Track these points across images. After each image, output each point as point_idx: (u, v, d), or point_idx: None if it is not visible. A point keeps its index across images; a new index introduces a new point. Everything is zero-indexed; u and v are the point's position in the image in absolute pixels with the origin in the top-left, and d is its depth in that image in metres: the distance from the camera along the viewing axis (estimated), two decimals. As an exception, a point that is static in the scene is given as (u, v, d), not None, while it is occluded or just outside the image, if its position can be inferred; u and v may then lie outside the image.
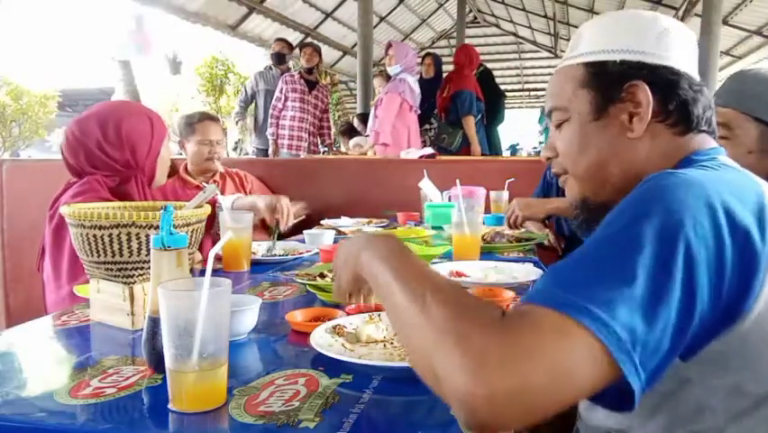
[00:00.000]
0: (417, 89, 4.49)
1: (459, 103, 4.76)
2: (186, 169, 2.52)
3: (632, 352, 0.51)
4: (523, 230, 2.16)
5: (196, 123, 2.51)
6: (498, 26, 16.58)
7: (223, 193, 2.23)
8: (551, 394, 0.50)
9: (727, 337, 0.60)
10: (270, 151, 5.28)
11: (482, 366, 0.49)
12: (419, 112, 4.60)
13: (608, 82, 0.80)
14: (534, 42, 16.78)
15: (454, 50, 5.99)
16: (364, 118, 6.91)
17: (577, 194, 0.87)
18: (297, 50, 5.78)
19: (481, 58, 5.12)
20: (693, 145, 0.79)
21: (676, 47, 0.80)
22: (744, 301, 0.59)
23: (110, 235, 1.09)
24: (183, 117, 2.57)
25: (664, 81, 0.78)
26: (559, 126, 0.86)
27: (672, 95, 0.78)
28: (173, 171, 2.31)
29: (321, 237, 1.97)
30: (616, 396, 0.54)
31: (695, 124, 0.79)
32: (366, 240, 0.76)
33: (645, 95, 0.78)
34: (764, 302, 0.59)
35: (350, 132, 6.86)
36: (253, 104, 5.84)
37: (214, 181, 2.56)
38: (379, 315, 1.06)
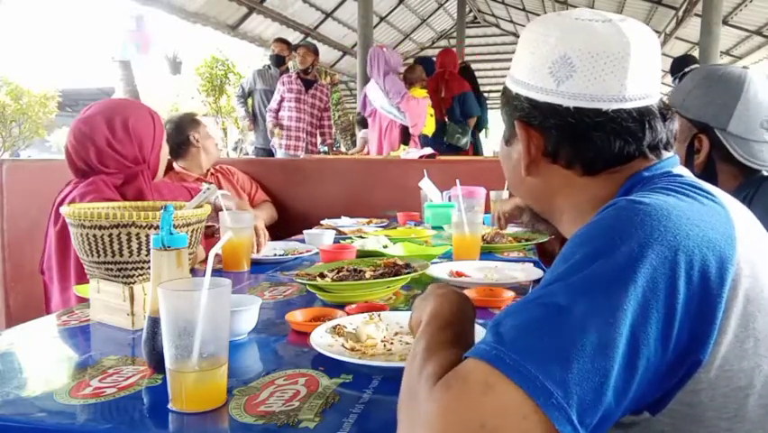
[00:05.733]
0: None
1: (468, 104, 5.02)
2: (180, 165, 2.53)
3: (567, 408, 0.48)
4: (519, 230, 2.16)
5: (196, 117, 2.60)
6: (498, 26, 16.56)
7: (218, 188, 2.25)
8: None
9: (694, 387, 0.56)
10: (274, 141, 5.27)
11: (413, 427, 0.51)
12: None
13: (511, 112, 0.76)
14: (534, 42, 16.75)
15: (455, 50, 6.16)
16: (365, 121, 6.95)
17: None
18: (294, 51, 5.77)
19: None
20: (626, 173, 0.71)
21: (575, 75, 0.69)
22: (700, 349, 0.55)
23: (110, 235, 1.09)
24: (180, 118, 2.56)
25: (547, 122, 0.71)
26: None
27: (555, 137, 0.71)
28: (168, 168, 2.33)
29: (321, 237, 1.97)
30: None
31: (590, 166, 0.71)
32: (438, 294, 0.75)
33: (525, 136, 0.73)
34: (726, 349, 0.56)
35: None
36: (251, 102, 5.84)
37: (212, 175, 2.58)
38: (379, 315, 1.06)
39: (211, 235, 1.82)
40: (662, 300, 0.53)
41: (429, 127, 4.93)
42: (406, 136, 4.92)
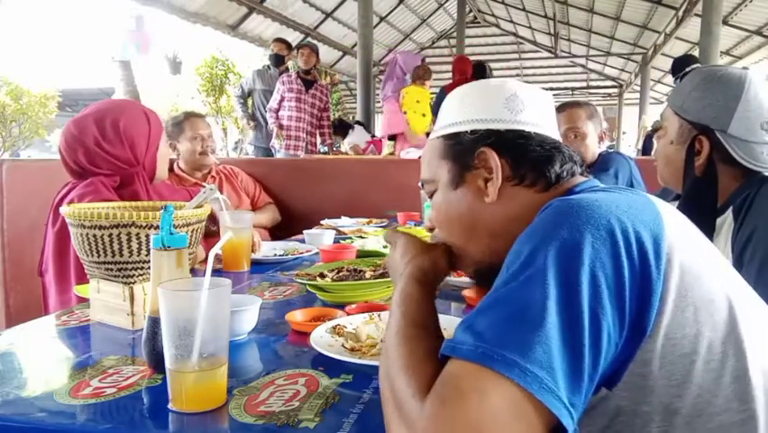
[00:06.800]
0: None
1: None
2: (179, 167, 2.53)
3: (557, 390, 0.51)
4: None
5: (183, 121, 2.52)
6: (498, 26, 16.57)
7: (219, 190, 2.24)
8: None
9: (643, 357, 0.60)
10: (275, 142, 5.29)
11: None
12: None
13: (462, 151, 0.82)
14: (534, 42, 16.79)
15: (454, 50, 6.27)
16: (343, 129, 6.96)
17: (464, 267, 0.89)
18: (295, 51, 5.78)
19: (481, 58, 5.32)
20: (565, 186, 0.80)
21: (526, 109, 0.81)
22: (645, 319, 0.59)
23: (110, 235, 1.09)
24: (169, 120, 2.56)
25: (513, 145, 0.80)
26: (431, 197, 0.89)
27: (522, 158, 0.79)
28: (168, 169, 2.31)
29: (321, 237, 1.97)
30: None
31: (553, 180, 0.79)
32: (405, 276, 0.80)
33: (494, 160, 0.79)
34: (668, 318, 0.59)
35: (343, 129, 6.85)
36: (250, 102, 5.84)
37: (213, 178, 2.56)
38: (378, 315, 1.06)
39: (206, 234, 1.81)
40: (611, 276, 0.57)
41: (416, 124, 4.95)
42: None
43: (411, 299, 0.74)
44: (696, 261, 0.63)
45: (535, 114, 0.82)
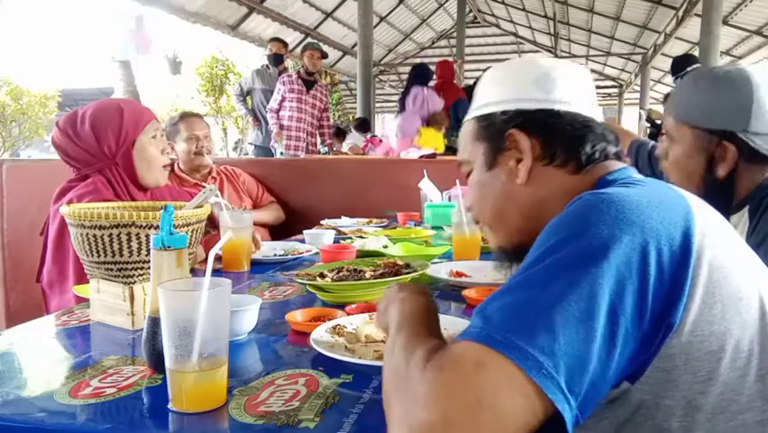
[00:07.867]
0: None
1: (460, 109, 5.25)
2: (179, 168, 2.53)
3: (557, 377, 0.51)
4: None
5: (178, 121, 2.51)
6: (498, 26, 16.57)
7: (221, 190, 2.23)
8: (475, 430, 0.49)
9: (668, 352, 0.59)
10: (274, 139, 5.29)
11: (409, 410, 0.52)
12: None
13: (494, 133, 0.83)
14: (534, 42, 16.79)
15: (454, 50, 6.35)
16: (363, 124, 6.96)
17: (493, 243, 0.90)
18: (297, 50, 5.78)
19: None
20: (598, 173, 0.79)
21: (557, 87, 0.81)
22: (671, 315, 0.58)
23: (110, 235, 1.09)
24: (167, 121, 2.57)
25: (544, 125, 0.80)
26: (467, 177, 0.90)
27: (553, 137, 0.80)
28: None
29: (321, 237, 1.97)
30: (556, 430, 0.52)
31: (585, 160, 0.79)
32: (400, 298, 0.78)
33: (525, 141, 0.80)
34: (695, 315, 0.59)
35: (340, 135, 6.91)
36: (250, 102, 5.85)
37: (213, 179, 2.56)
38: (379, 315, 1.06)
39: (204, 234, 1.81)
40: (636, 276, 0.57)
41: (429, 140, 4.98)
42: None
43: (417, 309, 0.73)
44: (725, 258, 0.63)
45: (568, 91, 0.81)
